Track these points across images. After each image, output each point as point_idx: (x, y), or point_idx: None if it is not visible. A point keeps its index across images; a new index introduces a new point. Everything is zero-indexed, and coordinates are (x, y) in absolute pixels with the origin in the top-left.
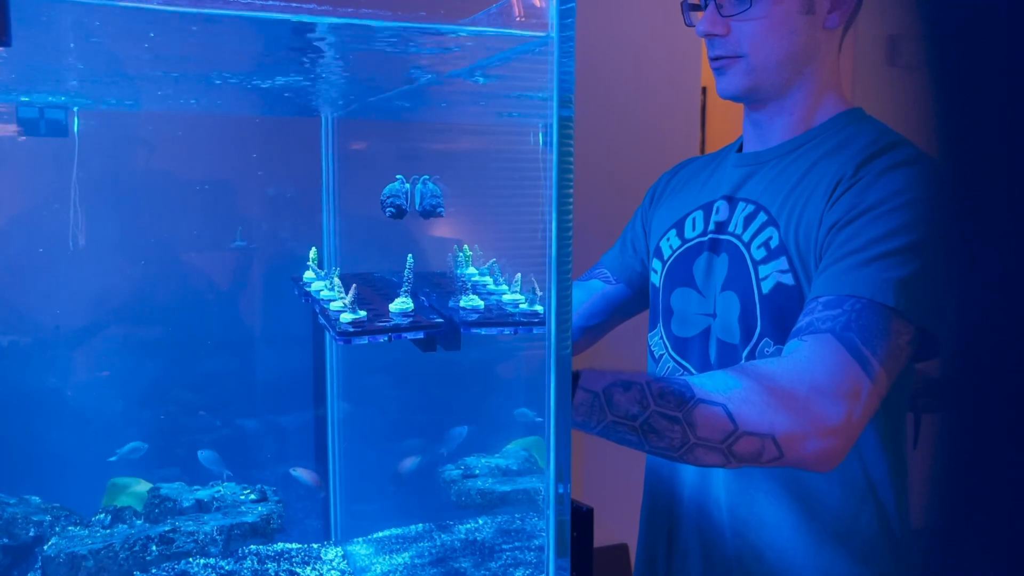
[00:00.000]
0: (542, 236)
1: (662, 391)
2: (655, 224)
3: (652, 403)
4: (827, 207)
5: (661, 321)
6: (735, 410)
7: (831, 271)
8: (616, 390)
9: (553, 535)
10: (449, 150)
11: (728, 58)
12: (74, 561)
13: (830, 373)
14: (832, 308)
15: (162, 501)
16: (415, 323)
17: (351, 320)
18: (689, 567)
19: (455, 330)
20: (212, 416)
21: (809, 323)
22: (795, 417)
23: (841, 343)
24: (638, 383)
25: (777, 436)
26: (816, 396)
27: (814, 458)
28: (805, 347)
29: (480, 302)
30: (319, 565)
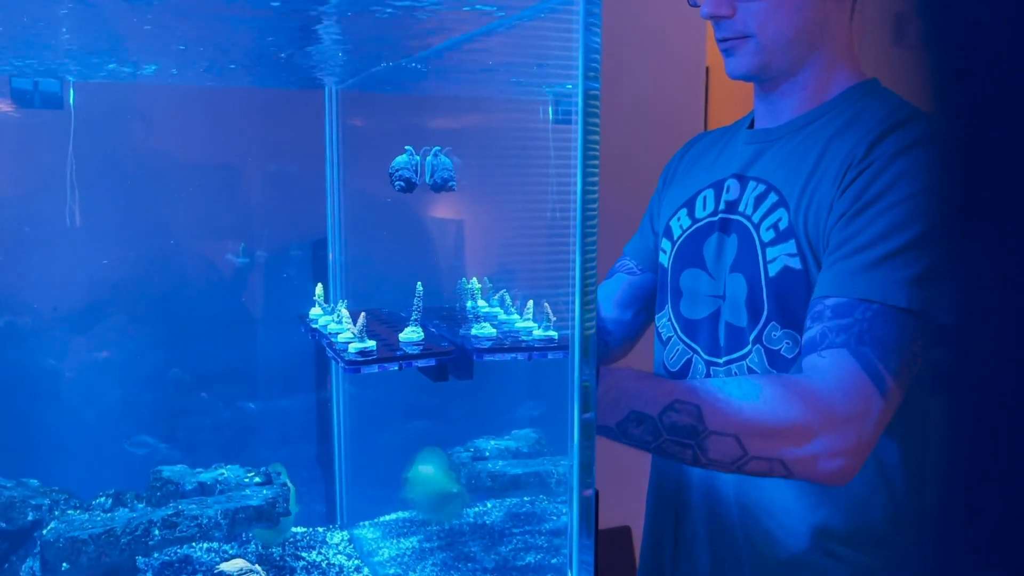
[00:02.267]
0: (551, 213)
1: (674, 425)
2: (666, 203)
3: (664, 434)
4: (837, 194)
5: (669, 302)
6: (746, 440)
7: (840, 269)
8: (630, 425)
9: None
10: (457, 124)
11: (736, 39)
12: (74, 546)
13: (845, 397)
14: (843, 316)
15: (164, 484)
16: (425, 350)
17: (359, 349)
18: (696, 550)
19: (467, 357)
20: (214, 398)
21: (823, 334)
22: (806, 443)
23: (857, 360)
24: (650, 417)
25: (786, 460)
26: (828, 422)
27: (824, 477)
28: (823, 366)
29: (492, 330)
30: (325, 549)
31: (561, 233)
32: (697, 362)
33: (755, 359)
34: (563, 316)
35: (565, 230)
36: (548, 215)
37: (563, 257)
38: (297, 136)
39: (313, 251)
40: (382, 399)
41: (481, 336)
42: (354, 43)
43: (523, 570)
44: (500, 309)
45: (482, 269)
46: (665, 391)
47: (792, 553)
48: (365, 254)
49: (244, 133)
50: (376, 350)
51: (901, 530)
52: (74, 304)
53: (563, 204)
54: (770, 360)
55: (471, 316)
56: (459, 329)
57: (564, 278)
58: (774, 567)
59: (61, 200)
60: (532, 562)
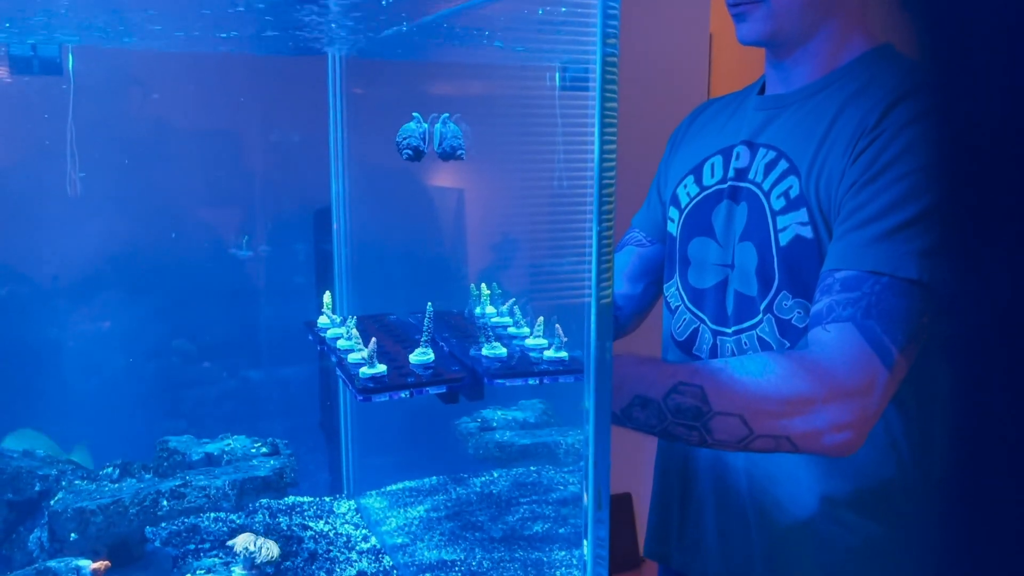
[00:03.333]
0: (558, 182)
1: (678, 407)
2: (672, 171)
3: (669, 417)
4: (848, 162)
5: (677, 271)
6: (751, 418)
7: (850, 240)
8: (635, 410)
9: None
10: (462, 90)
11: (747, 3)
12: (82, 516)
13: (849, 371)
14: (852, 289)
15: (171, 454)
16: (436, 375)
17: (371, 375)
18: (704, 518)
19: (478, 381)
20: (218, 368)
21: (830, 307)
22: (811, 418)
23: (862, 334)
24: (655, 401)
25: (792, 436)
26: (833, 396)
27: (830, 450)
28: (827, 340)
29: (503, 349)
30: (332, 519)
31: (567, 203)
32: (704, 331)
33: (766, 328)
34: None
35: (571, 199)
36: (555, 184)
37: (569, 227)
38: (300, 104)
39: (315, 220)
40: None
41: (492, 357)
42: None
43: (530, 539)
44: (510, 319)
45: (487, 239)
46: (668, 374)
47: (800, 521)
48: (370, 224)
49: (246, 101)
50: (387, 374)
51: (909, 497)
52: (75, 274)
53: (571, 173)
54: (781, 329)
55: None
56: (470, 348)
57: (570, 247)
58: (782, 535)
59: (61, 169)
60: (539, 531)
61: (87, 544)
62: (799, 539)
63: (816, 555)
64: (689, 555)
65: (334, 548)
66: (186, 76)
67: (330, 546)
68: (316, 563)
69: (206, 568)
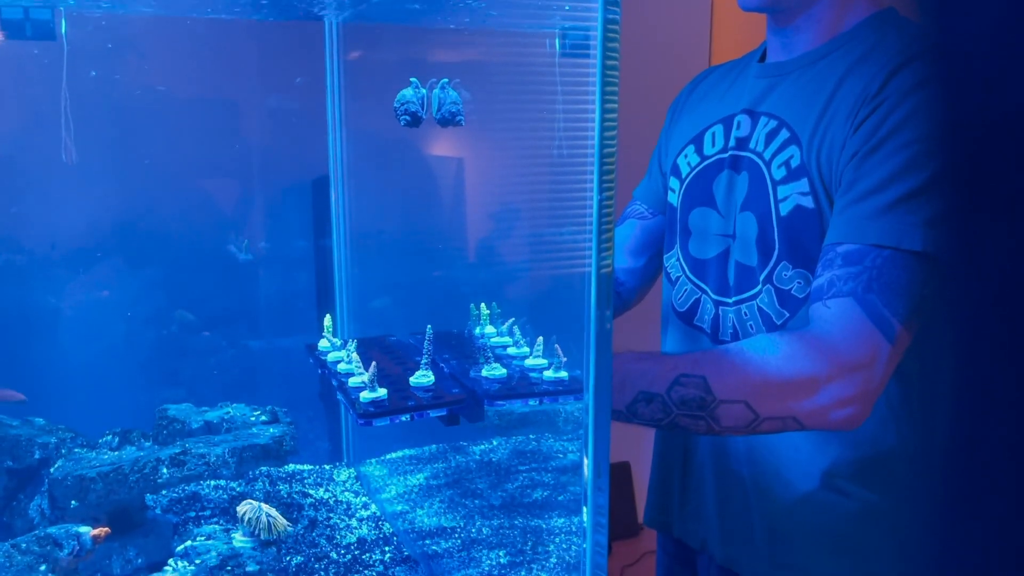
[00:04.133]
0: (558, 151)
1: (683, 399)
2: (673, 140)
3: (675, 409)
4: (850, 131)
5: (678, 242)
6: (756, 403)
7: (852, 213)
8: (639, 406)
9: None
10: (461, 56)
11: None
12: (82, 484)
13: (851, 347)
14: (853, 263)
15: (170, 423)
16: (437, 398)
17: (371, 399)
18: (704, 487)
19: (479, 403)
20: (217, 336)
21: (831, 282)
22: (815, 396)
23: (862, 308)
24: (659, 395)
25: (798, 416)
26: (836, 373)
27: (835, 425)
28: (828, 316)
29: (503, 370)
30: (332, 487)
31: (567, 171)
32: (706, 301)
33: (765, 299)
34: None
35: (571, 168)
36: (555, 152)
37: (568, 195)
38: (297, 70)
39: (314, 188)
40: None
41: (492, 378)
42: None
43: (530, 506)
44: (509, 339)
45: (485, 207)
46: (669, 367)
47: (799, 489)
48: (368, 191)
49: (242, 67)
50: (387, 398)
51: (907, 466)
52: (73, 242)
53: (571, 141)
54: (780, 300)
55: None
56: (470, 369)
57: (569, 216)
58: (780, 504)
59: (56, 135)
60: (539, 498)
61: (88, 511)
62: (798, 508)
63: (814, 523)
64: (690, 524)
65: (334, 515)
66: (181, 41)
67: (330, 513)
68: (316, 530)
69: (207, 535)
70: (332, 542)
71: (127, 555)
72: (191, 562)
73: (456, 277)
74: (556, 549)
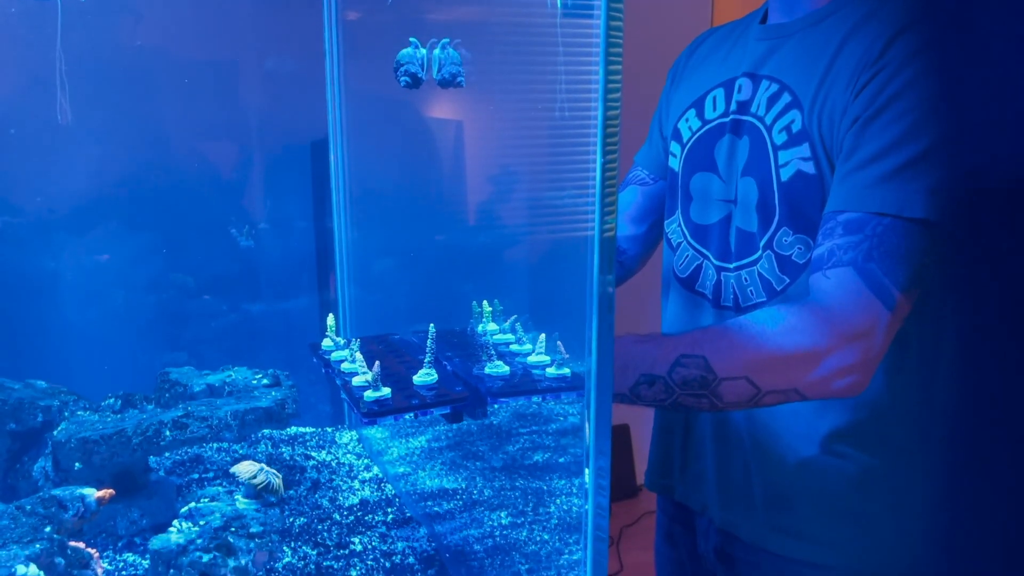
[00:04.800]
0: (560, 113)
1: (684, 379)
2: (673, 104)
3: (677, 390)
4: (851, 96)
5: (680, 207)
6: (757, 378)
7: (853, 181)
8: (641, 388)
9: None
10: (460, 15)
11: None
12: (86, 446)
13: (850, 317)
14: (854, 232)
15: (172, 386)
16: (440, 396)
17: (375, 399)
18: (704, 452)
19: (481, 401)
20: (217, 300)
21: (831, 251)
22: (816, 367)
23: (862, 278)
24: (660, 377)
25: (799, 387)
26: (836, 344)
27: (837, 393)
28: (827, 287)
29: (505, 367)
30: (334, 449)
31: (569, 133)
32: (707, 267)
33: (765, 265)
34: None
35: (573, 130)
36: (556, 114)
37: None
38: (294, 31)
39: (312, 151)
40: (386, 301)
41: (495, 376)
42: None
43: (531, 468)
44: (512, 336)
45: (485, 170)
46: (669, 348)
47: (799, 454)
48: (367, 155)
49: (240, 28)
50: (391, 397)
51: (907, 431)
52: (70, 205)
53: (572, 103)
54: (780, 266)
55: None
56: (472, 366)
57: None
58: (779, 467)
59: (52, 96)
60: (540, 461)
61: (91, 473)
62: (797, 472)
63: (813, 487)
64: (691, 487)
65: (336, 477)
66: (178, 1)
67: (333, 475)
68: (319, 492)
69: (210, 496)
70: (335, 504)
71: (131, 516)
72: (195, 523)
73: (456, 241)
74: (557, 510)
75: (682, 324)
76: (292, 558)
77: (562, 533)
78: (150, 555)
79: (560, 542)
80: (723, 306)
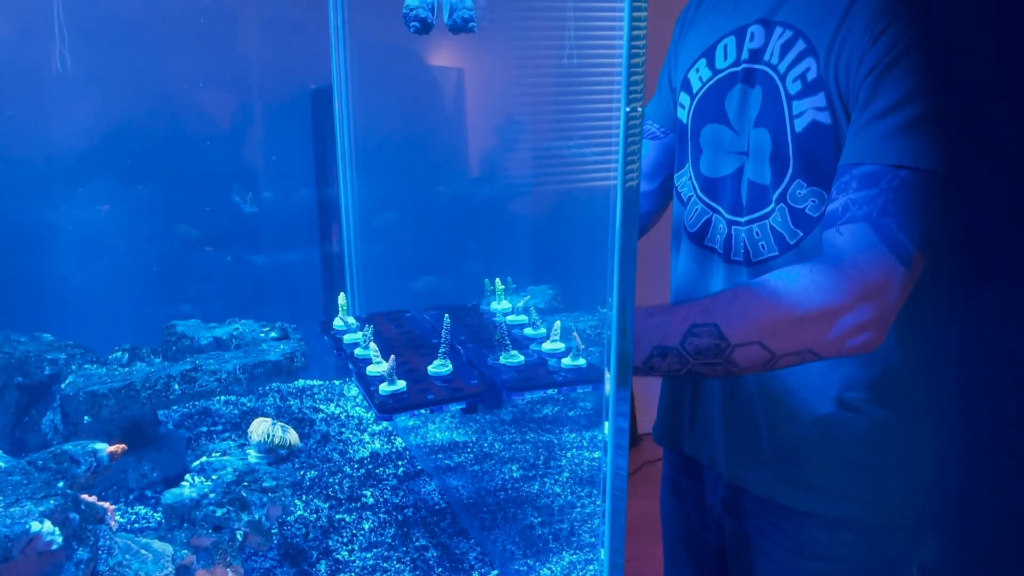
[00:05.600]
0: (568, 59)
1: (697, 349)
2: (683, 54)
3: (691, 360)
4: (869, 43)
5: (690, 160)
6: (770, 342)
7: (870, 133)
8: (655, 360)
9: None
10: None
11: None
12: (94, 400)
13: (864, 275)
14: (869, 186)
15: (179, 339)
16: (455, 390)
17: (390, 392)
18: (713, 406)
19: (497, 394)
20: (220, 252)
21: (845, 207)
22: (830, 327)
23: (876, 234)
24: (673, 348)
25: (814, 348)
26: (850, 303)
27: (853, 351)
28: (841, 244)
29: (520, 357)
30: (343, 402)
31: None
32: (718, 221)
33: (778, 219)
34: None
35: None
36: (564, 61)
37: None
38: None
39: (313, 100)
40: (391, 255)
41: (510, 366)
42: None
43: (540, 422)
44: (525, 317)
45: (490, 120)
46: (680, 318)
47: (809, 408)
48: (372, 104)
49: None
50: (407, 391)
51: (919, 384)
52: (68, 155)
53: (581, 51)
54: (794, 219)
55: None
56: (487, 355)
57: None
58: (790, 422)
59: (49, 44)
60: (549, 414)
61: (100, 427)
62: (807, 426)
63: (824, 441)
64: (700, 442)
65: (346, 430)
66: None
67: (342, 428)
68: (329, 445)
69: (221, 451)
70: (345, 457)
71: (142, 469)
72: (207, 477)
73: (460, 193)
74: (568, 464)
75: (692, 279)
76: (304, 511)
77: (575, 486)
78: (163, 509)
79: (572, 495)
80: (734, 261)
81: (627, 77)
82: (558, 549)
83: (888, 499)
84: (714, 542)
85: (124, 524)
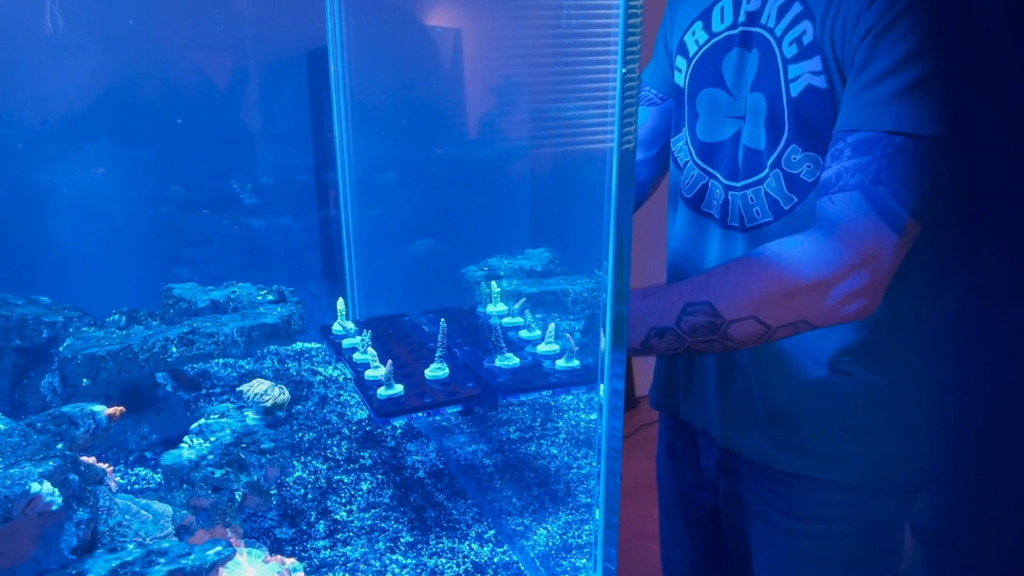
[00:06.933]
0: (566, 20)
1: (693, 327)
2: (679, 17)
3: (688, 338)
4: (866, 5)
5: (687, 125)
6: (765, 316)
7: (865, 98)
8: (653, 340)
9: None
10: None
11: None
12: (92, 362)
13: (856, 244)
14: (863, 153)
15: (176, 302)
16: (452, 393)
17: (388, 396)
18: (708, 372)
19: (493, 396)
20: (217, 215)
21: (838, 175)
22: (824, 299)
23: (868, 202)
24: (669, 328)
25: (808, 319)
26: (842, 273)
27: (846, 318)
28: (833, 213)
29: (516, 359)
30: (341, 365)
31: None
32: (714, 186)
33: (772, 184)
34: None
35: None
36: (562, 21)
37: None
38: None
39: (309, 62)
40: (389, 216)
41: (505, 368)
42: None
43: None
44: (521, 319)
45: (487, 81)
46: (674, 299)
47: (802, 373)
48: (368, 65)
49: None
50: (404, 394)
51: (911, 348)
52: (63, 117)
53: (579, 11)
54: (789, 184)
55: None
56: (483, 358)
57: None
58: (784, 387)
59: (40, 3)
60: None
61: (99, 389)
62: (800, 390)
63: (817, 405)
64: (695, 407)
65: (344, 392)
66: None
67: (340, 391)
68: (327, 407)
69: (219, 413)
70: (343, 418)
71: (141, 431)
72: (206, 439)
73: (458, 155)
74: (565, 425)
75: (689, 245)
76: (303, 472)
77: (571, 448)
78: (162, 470)
79: (569, 457)
80: (730, 226)
81: (624, 37)
82: (554, 509)
83: (880, 462)
84: (708, 504)
85: (124, 485)
